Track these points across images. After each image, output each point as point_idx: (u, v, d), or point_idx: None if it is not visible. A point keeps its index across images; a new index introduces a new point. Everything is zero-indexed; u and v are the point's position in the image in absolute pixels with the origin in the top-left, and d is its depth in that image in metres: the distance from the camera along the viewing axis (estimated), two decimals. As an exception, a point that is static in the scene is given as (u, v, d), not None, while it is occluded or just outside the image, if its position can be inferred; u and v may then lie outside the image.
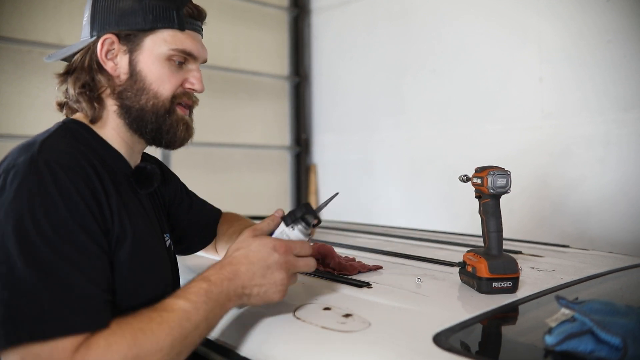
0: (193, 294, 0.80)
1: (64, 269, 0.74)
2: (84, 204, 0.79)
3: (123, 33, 0.93)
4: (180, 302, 0.79)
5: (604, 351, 0.70)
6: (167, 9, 0.95)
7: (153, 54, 0.94)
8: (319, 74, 4.44)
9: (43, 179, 0.77)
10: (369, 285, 1.07)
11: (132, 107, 0.95)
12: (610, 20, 2.66)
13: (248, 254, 0.87)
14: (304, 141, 4.49)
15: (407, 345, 0.78)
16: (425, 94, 3.55)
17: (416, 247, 1.60)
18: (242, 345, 0.90)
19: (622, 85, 2.63)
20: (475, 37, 3.24)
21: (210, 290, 0.82)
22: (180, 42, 0.96)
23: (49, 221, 0.75)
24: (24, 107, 3.08)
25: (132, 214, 0.90)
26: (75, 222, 0.77)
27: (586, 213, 2.76)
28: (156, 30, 0.94)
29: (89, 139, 0.93)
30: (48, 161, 0.79)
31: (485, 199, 1.06)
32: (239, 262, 0.86)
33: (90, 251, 0.78)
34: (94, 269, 0.77)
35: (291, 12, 4.47)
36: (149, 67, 0.94)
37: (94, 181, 0.83)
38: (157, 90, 0.95)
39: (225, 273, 0.85)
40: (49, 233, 0.74)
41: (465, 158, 3.17)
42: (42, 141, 0.84)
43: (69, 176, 0.79)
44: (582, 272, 1.24)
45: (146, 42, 0.94)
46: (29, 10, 3.11)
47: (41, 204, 0.76)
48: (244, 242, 0.89)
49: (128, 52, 0.94)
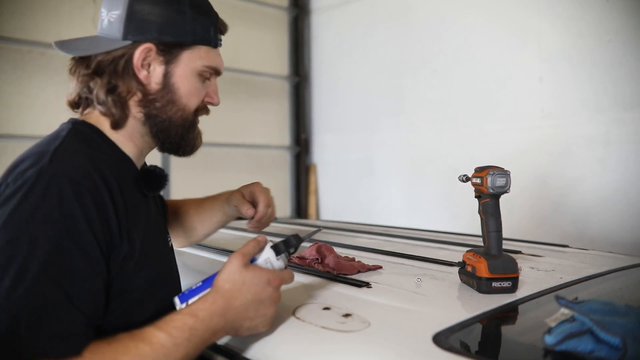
0: (176, 329, 0.77)
1: (50, 289, 0.72)
2: (86, 225, 0.77)
3: (163, 44, 0.92)
4: (161, 336, 0.76)
5: (603, 351, 0.70)
6: (207, 25, 0.95)
7: (188, 68, 0.94)
8: (319, 74, 4.44)
9: (48, 195, 0.76)
10: (368, 285, 1.07)
11: (158, 117, 0.94)
12: (610, 20, 2.66)
13: (242, 287, 0.83)
14: (303, 141, 4.49)
15: (407, 345, 0.78)
16: (425, 94, 3.55)
17: (416, 247, 1.60)
18: (242, 345, 0.90)
19: (622, 85, 2.63)
20: (476, 37, 3.24)
21: (195, 327, 0.79)
22: (213, 59, 0.97)
23: (44, 239, 0.74)
24: (24, 107, 3.07)
25: (141, 222, 0.90)
26: (72, 243, 0.75)
27: (586, 213, 2.76)
28: (195, 45, 0.94)
29: (100, 143, 0.92)
30: (56, 175, 0.78)
31: (485, 198, 1.06)
32: (233, 296, 0.83)
33: (82, 274, 0.76)
34: (81, 291, 0.75)
35: (291, 12, 4.47)
36: (182, 80, 0.94)
37: (103, 197, 0.81)
38: (185, 103, 0.95)
39: (216, 308, 0.81)
40: (42, 251, 0.73)
41: (465, 158, 3.17)
42: (54, 150, 0.82)
43: (75, 193, 0.77)
44: (581, 272, 1.24)
45: (184, 56, 0.93)
46: (29, 10, 3.11)
47: (40, 221, 0.74)
48: (235, 273, 0.84)
49: (164, 63, 0.93)
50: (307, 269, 1.20)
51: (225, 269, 0.85)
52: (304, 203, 4.48)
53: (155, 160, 3.41)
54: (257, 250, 0.89)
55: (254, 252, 0.89)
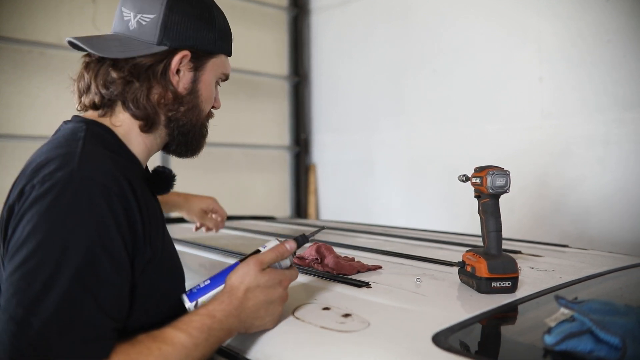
0: (196, 330, 0.81)
1: (79, 293, 0.73)
2: (116, 229, 0.78)
3: (195, 51, 0.96)
4: (182, 337, 0.79)
5: (603, 351, 0.70)
6: (227, 34, 1.02)
7: (211, 75, 1.00)
8: (319, 74, 4.44)
9: (79, 199, 0.77)
10: (368, 285, 1.07)
11: (181, 120, 0.97)
12: (610, 20, 2.66)
13: (256, 289, 0.87)
14: (303, 141, 4.49)
15: (407, 345, 0.78)
16: (425, 93, 3.55)
17: (415, 247, 1.60)
18: (242, 345, 0.90)
19: (621, 85, 2.63)
20: (476, 37, 3.24)
21: (213, 327, 0.82)
22: (227, 67, 1.04)
23: (77, 244, 0.75)
24: (24, 107, 3.07)
25: (159, 223, 0.91)
26: (103, 247, 0.76)
27: (586, 213, 2.76)
28: (218, 54, 1.00)
29: (114, 144, 0.92)
30: (87, 179, 0.78)
31: (485, 198, 1.06)
32: (246, 297, 0.87)
33: (110, 278, 0.77)
34: (109, 297, 0.77)
35: (291, 12, 4.47)
36: (205, 87, 0.99)
37: (129, 201, 0.82)
38: (203, 108, 1.00)
39: (231, 309, 0.85)
40: (73, 254, 0.74)
41: (465, 158, 3.17)
42: (81, 153, 0.82)
43: (105, 197, 0.78)
44: (581, 271, 1.24)
45: (209, 63, 0.99)
46: (29, 10, 3.10)
47: (73, 225, 0.75)
48: (251, 275, 0.88)
49: (193, 69, 0.97)
50: (307, 269, 1.20)
51: (241, 270, 0.89)
52: (304, 203, 4.48)
53: (155, 160, 3.42)
54: (276, 261, 0.92)
55: (271, 262, 0.91)
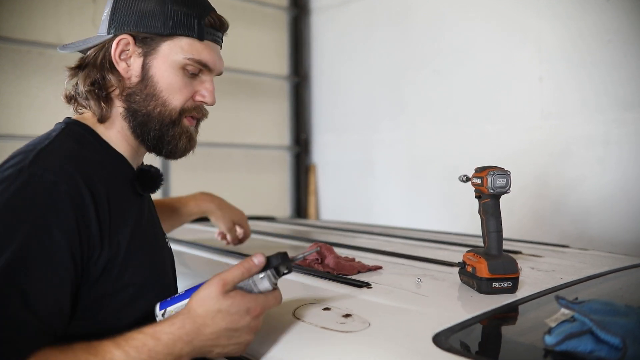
0: (134, 349, 0.73)
1: (5, 289, 0.71)
2: (58, 230, 0.76)
3: (140, 35, 0.91)
4: (116, 353, 0.72)
5: (603, 351, 0.70)
6: (188, 16, 0.92)
7: (168, 60, 0.92)
8: (319, 74, 4.44)
9: (22, 195, 0.75)
10: (368, 286, 1.07)
11: (139, 111, 0.92)
12: (610, 20, 2.66)
13: (216, 315, 0.77)
14: (303, 141, 4.49)
15: (407, 346, 0.78)
16: (425, 93, 3.55)
17: (416, 247, 1.60)
18: (242, 346, 0.90)
19: (622, 85, 2.63)
20: (476, 37, 3.24)
21: (156, 350, 0.74)
22: (198, 52, 0.93)
23: (9, 237, 0.73)
24: (24, 107, 3.07)
25: (128, 223, 0.88)
26: (39, 246, 0.74)
27: (586, 213, 2.75)
28: (175, 36, 0.91)
29: (93, 142, 0.91)
30: (34, 176, 0.77)
31: (485, 199, 1.06)
32: (204, 323, 0.77)
33: (44, 279, 0.74)
34: (40, 297, 0.73)
35: (291, 12, 4.46)
36: (162, 73, 0.92)
37: (84, 199, 0.79)
38: (166, 98, 0.92)
39: (182, 334, 0.76)
40: (8, 251, 0.72)
41: (465, 158, 3.17)
42: (38, 152, 0.81)
43: (50, 195, 0.76)
44: (581, 272, 1.24)
45: (163, 47, 0.92)
46: (29, 10, 3.10)
47: (10, 219, 0.74)
48: (211, 299, 0.77)
49: (143, 55, 0.92)
50: (307, 269, 1.20)
51: (202, 292, 0.78)
52: (304, 203, 4.48)
53: (155, 161, 3.42)
54: (243, 279, 0.80)
55: (237, 281, 0.80)
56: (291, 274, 0.87)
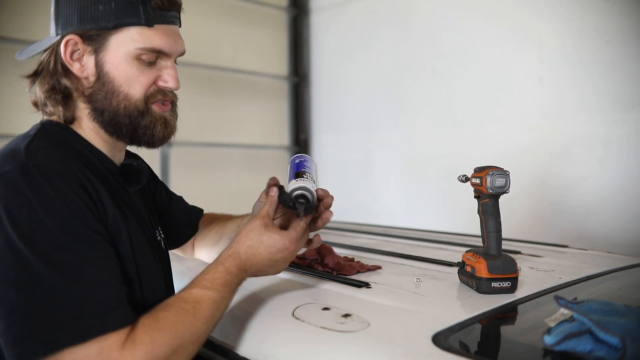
0: (220, 285, 0.85)
1: (86, 268, 0.74)
2: (84, 204, 0.78)
3: (86, 33, 0.87)
4: (210, 294, 0.83)
5: (602, 351, 0.70)
6: (131, 3, 0.86)
7: (119, 53, 0.87)
8: (319, 74, 4.44)
9: (39, 185, 0.75)
10: (368, 286, 1.07)
11: (105, 110, 0.90)
12: (610, 20, 2.66)
13: (260, 247, 0.91)
14: (303, 141, 4.49)
15: (406, 345, 0.78)
16: (425, 94, 3.55)
17: (415, 247, 1.60)
18: (241, 345, 0.90)
19: (622, 85, 2.63)
20: (476, 37, 3.24)
21: (232, 281, 0.87)
22: (149, 40, 0.88)
23: (56, 225, 0.74)
24: (24, 107, 3.06)
25: (124, 213, 0.89)
26: (81, 222, 0.76)
27: (586, 213, 2.75)
28: (121, 28, 0.87)
29: (71, 139, 0.90)
30: (39, 166, 0.77)
31: (484, 199, 1.06)
32: (253, 254, 0.90)
33: (103, 247, 0.78)
34: (111, 264, 0.78)
35: (290, 12, 4.46)
36: (116, 67, 0.88)
37: (85, 183, 0.81)
38: (127, 92, 0.89)
39: (242, 263, 0.90)
40: (60, 236, 0.73)
41: (465, 158, 3.16)
42: (26, 147, 0.81)
43: (63, 179, 0.78)
44: (581, 272, 1.24)
45: (111, 41, 0.87)
46: (29, 10, 3.10)
47: (44, 211, 0.74)
48: (254, 232, 0.91)
49: (94, 52, 0.88)
50: (306, 269, 1.20)
51: (247, 227, 0.93)
52: (304, 203, 4.48)
53: (155, 157, 3.41)
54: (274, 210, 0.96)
55: (272, 214, 0.95)
56: (291, 274, 0.91)
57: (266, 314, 0.95)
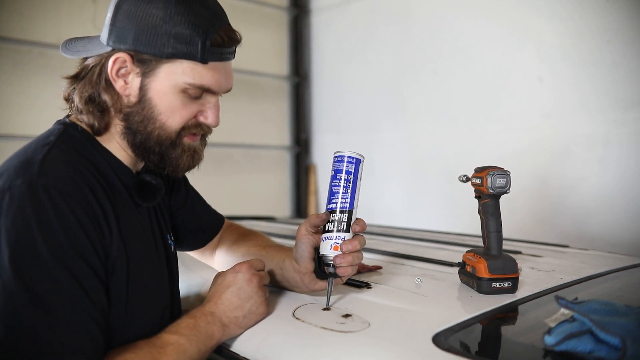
0: (184, 328, 0.86)
1: (64, 303, 0.73)
2: (84, 234, 0.77)
3: (138, 55, 0.85)
4: (175, 337, 0.84)
5: (603, 351, 0.70)
6: (191, 37, 0.84)
7: (167, 83, 0.85)
8: (319, 74, 4.44)
9: (42, 207, 0.74)
10: (368, 286, 1.07)
11: (138, 132, 0.88)
12: (610, 20, 2.66)
13: (219, 286, 0.95)
14: (303, 141, 4.49)
15: (407, 346, 0.78)
16: (426, 93, 3.55)
17: (416, 247, 1.60)
18: (241, 346, 0.90)
19: (622, 85, 2.63)
20: (476, 37, 3.24)
21: (197, 324, 0.88)
22: (200, 76, 0.86)
23: (49, 251, 0.73)
24: (24, 107, 3.07)
25: (129, 231, 0.87)
26: (76, 253, 0.75)
27: (586, 213, 2.75)
28: (175, 59, 0.84)
29: (91, 149, 0.88)
30: (47, 187, 0.75)
31: (485, 199, 1.06)
32: (216, 295, 0.93)
33: (90, 283, 0.76)
34: (93, 302, 0.76)
35: (291, 12, 4.47)
36: (161, 96, 0.86)
37: (93, 206, 0.79)
38: (165, 121, 0.87)
39: (207, 308, 0.91)
40: (49, 264, 0.72)
41: (465, 158, 3.17)
42: (42, 160, 0.79)
43: (68, 204, 0.76)
44: (581, 272, 1.24)
45: (161, 69, 0.85)
46: (29, 10, 3.10)
47: (40, 234, 0.73)
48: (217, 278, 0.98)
49: (141, 75, 0.85)
50: (307, 269, 1.20)
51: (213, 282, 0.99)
52: (304, 203, 4.48)
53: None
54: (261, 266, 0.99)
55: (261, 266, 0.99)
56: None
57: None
